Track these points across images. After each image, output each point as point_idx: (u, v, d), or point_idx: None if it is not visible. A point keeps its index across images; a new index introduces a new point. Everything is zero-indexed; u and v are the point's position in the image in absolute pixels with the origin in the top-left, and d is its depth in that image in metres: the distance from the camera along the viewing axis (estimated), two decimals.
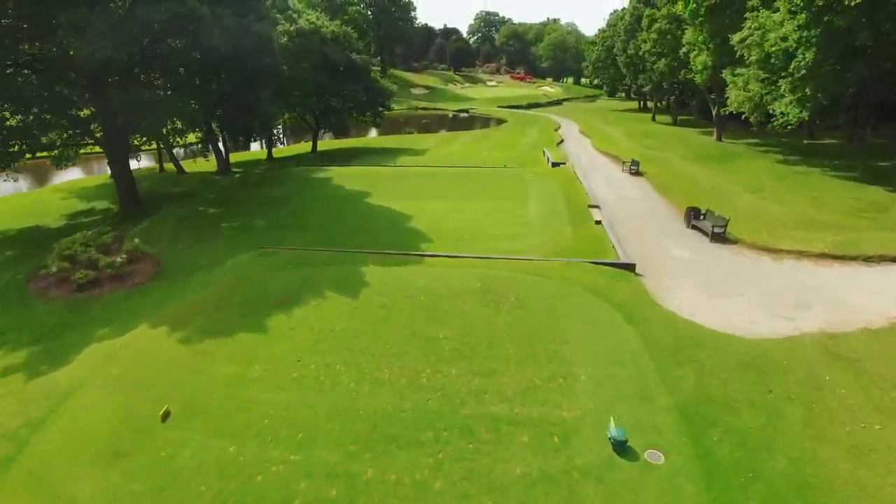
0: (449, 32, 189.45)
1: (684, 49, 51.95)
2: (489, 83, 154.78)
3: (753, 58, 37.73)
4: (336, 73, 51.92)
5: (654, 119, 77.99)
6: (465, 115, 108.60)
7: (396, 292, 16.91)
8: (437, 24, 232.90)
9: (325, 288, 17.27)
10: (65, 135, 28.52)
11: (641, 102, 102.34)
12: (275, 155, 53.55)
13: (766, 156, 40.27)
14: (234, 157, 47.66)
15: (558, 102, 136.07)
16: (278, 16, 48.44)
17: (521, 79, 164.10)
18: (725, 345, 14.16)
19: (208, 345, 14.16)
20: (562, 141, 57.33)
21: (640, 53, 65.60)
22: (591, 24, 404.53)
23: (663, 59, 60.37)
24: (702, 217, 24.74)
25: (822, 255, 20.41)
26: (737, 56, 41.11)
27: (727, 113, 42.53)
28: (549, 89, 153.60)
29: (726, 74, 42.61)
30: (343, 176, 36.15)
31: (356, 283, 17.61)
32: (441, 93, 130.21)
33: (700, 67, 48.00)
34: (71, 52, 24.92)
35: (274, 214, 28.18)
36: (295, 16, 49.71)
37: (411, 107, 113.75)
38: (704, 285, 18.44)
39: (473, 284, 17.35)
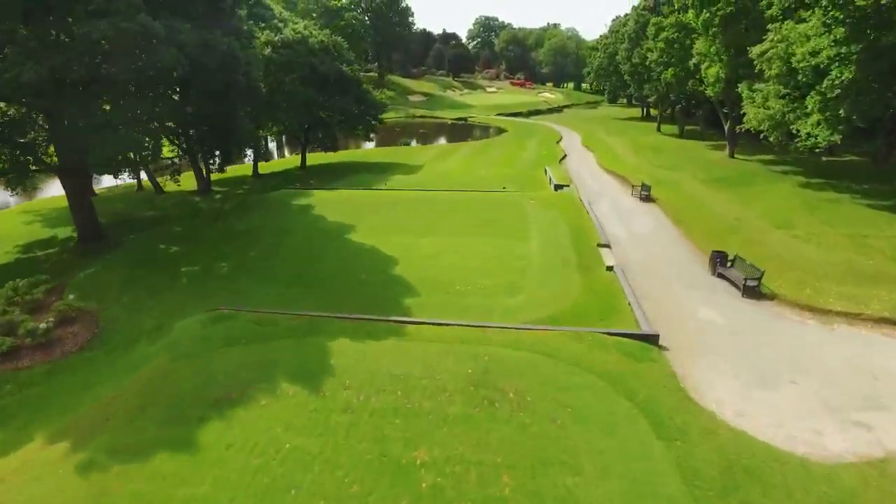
0: (448, 38, 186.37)
1: (694, 60, 48.57)
2: (488, 89, 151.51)
3: (774, 72, 34.40)
4: (325, 85, 48.58)
5: (659, 129, 74.60)
6: (463, 122, 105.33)
7: (367, 384, 13.50)
8: (437, 30, 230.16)
9: (280, 377, 13.86)
10: (13, 158, 25.28)
11: (645, 110, 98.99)
12: (262, 170, 50.18)
13: (785, 178, 36.83)
14: (220, 174, 44.34)
15: (559, 109, 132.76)
16: (261, 25, 45.15)
17: (521, 85, 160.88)
18: (790, 475, 10.75)
19: (112, 478, 10.73)
20: (564, 156, 53.90)
21: (647, 63, 62.16)
22: (591, 29, 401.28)
23: (671, 69, 57.00)
24: (729, 264, 21.34)
25: (882, 321, 17.00)
26: (755, 70, 37.82)
27: (742, 130, 39.19)
28: (550, 95, 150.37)
29: (742, 89, 39.24)
30: (326, 203, 32.76)
31: (319, 369, 14.20)
32: (439, 100, 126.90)
33: (712, 80, 44.62)
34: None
35: (242, 255, 24.79)
36: (281, 25, 46.40)
37: (409, 115, 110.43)
38: (746, 367, 15.02)
39: (463, 371, 13.95)
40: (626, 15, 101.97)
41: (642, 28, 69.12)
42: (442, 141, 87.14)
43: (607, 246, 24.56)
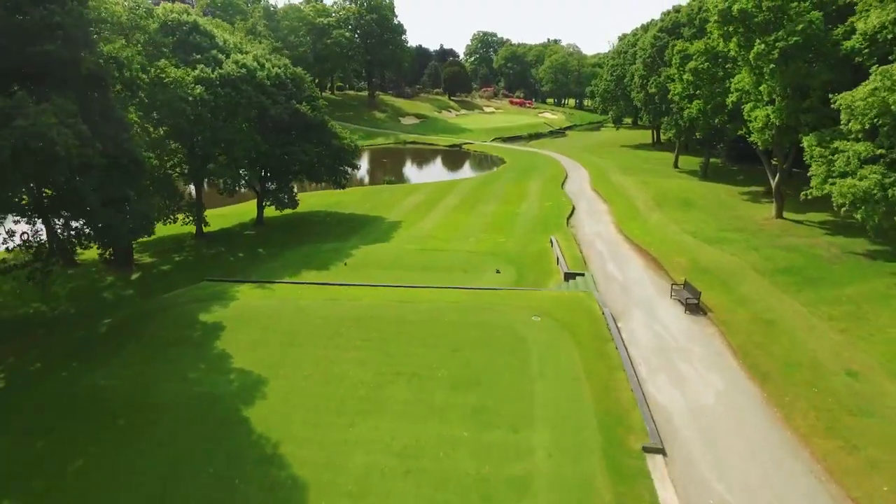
0: (445, 54, 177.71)
1: (733, 98, 38.87)
2: (486, 109, 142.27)
3: (862, 125, 24.86)
4: (281, 129, 39.09)
5: (676, 165, 64.89)
6: (457, 150, 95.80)
7: None
8: (433, 46, 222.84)
9: None
10: None
11: (655, 135, 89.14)
12: (213, 222, 39.85)
13: (877, 267, 26.89)
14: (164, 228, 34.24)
15: (561, 132, 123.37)
16: (194, 58, 35.62)
17: (521, 104, 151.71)
18: None
19: None
20: (572, 212, 43.93)
21: (669, 96, 52.50)
22: (590, 44, 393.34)
23: (696, 103, 47.38)
24: None
25: None
26: (826, 116, 28.33)
27: (808, 196, 29.27)
28: (551, 116, 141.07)
29: (809, 144, 29.53)
30: (244, 322, 22.77)
31: None
32: (433, 122, 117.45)
33: (759, 125, 34.91)
34: None
35: (48, 475, 14.90)
36: (222, 57, 36.87)
37: (399, 140, 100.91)
38: None
39: None
40: (635, 34, 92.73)
41: (660, 52, 59.66)
42: (434, 169, 77.35)
43: (659, 451, 14.62)
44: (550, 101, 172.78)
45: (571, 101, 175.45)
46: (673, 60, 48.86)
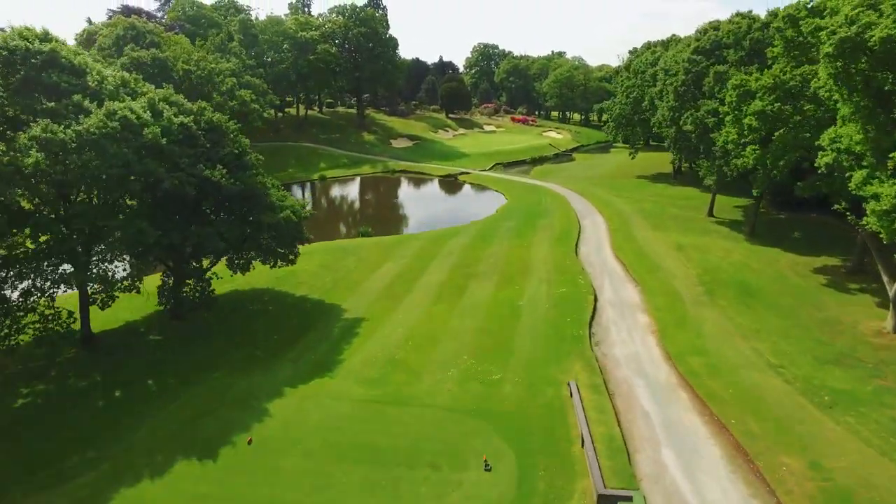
0: (444, 67, 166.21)
1: (827, 158, 26.86)
2: (486, 128, 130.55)
3: None
4: (185, 205, 27.49)
5: (711, 213, 52.79)
6: (452, 180, 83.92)
7: None
8: (432, 58, 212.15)
9: None
10: None
11: (677, 163, 76.75)
12: (119, 311, 28.40)
13: None
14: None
15: (567, 155, 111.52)
16: (46, 105, 23.86)
17: (523, 121, 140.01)
18: None
19: None
20: (595, 310, 31.70)
21: (719, 142, 40.41)
22: (595, 57, 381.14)
23: (751, 148, 35.47)
24: None
25: None
26: None
27: None
28: (556, 135, 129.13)
29: None
30: None
31: None
32: (427, 146, 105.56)
33: (886, 207, 22.92)
34: None
35: None
36: (91, 105, 24.97)
37: (387, 168, 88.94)
38: None
39: None
40: (654, 51, 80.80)
41: (696, 81, 47.59)
42: (423, 209, 63.55)
43: None
44: (555, 115, 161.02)
45: (576, 116, 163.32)
46: (726, 97, 36.81)
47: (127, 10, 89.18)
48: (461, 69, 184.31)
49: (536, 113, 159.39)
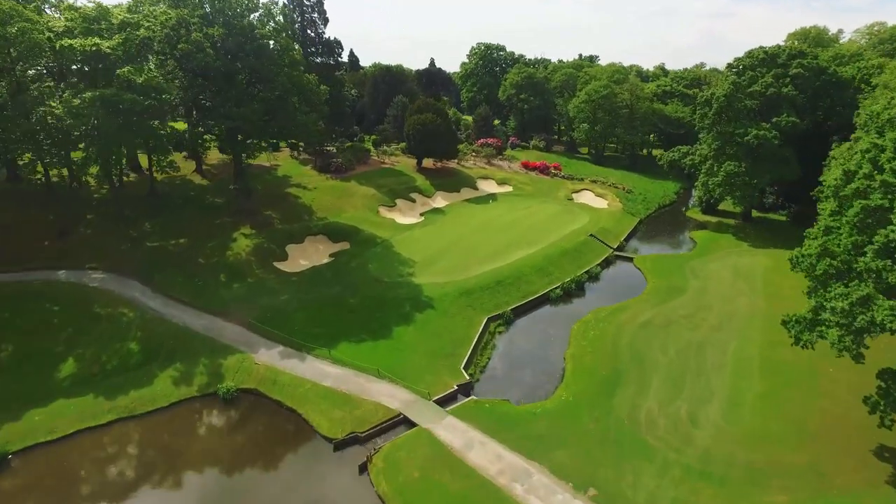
0: (431, 79, 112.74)
1: None
2: (481, 189, 77.46)
3: None
4: None
5: None
6: (365, 462, 31.78)
7: None
8: (421, 62, 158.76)
9: None
10: None
11: None
12: None
13: None
14: None
15: (629, 260, 57.22)
16: None
17: (542, 168, 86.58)
18: None
19: None
20: None
21: None
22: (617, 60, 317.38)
23: None
24: None
25: None
26: None
27: None
28: (595, 199, 75.13)
29: None
30: None
31: None
32: (343, 272, 52.71)
33: None
34: None
35: None
36: None
37: (252, 375, 37.00)
38: None
39: None
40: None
41: None
42: None
43: None
44: (584, 151, 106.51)
45: (610, 143, 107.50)
46: None
47: None
48: (456, 74, 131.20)
49: (556, 138, 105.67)
